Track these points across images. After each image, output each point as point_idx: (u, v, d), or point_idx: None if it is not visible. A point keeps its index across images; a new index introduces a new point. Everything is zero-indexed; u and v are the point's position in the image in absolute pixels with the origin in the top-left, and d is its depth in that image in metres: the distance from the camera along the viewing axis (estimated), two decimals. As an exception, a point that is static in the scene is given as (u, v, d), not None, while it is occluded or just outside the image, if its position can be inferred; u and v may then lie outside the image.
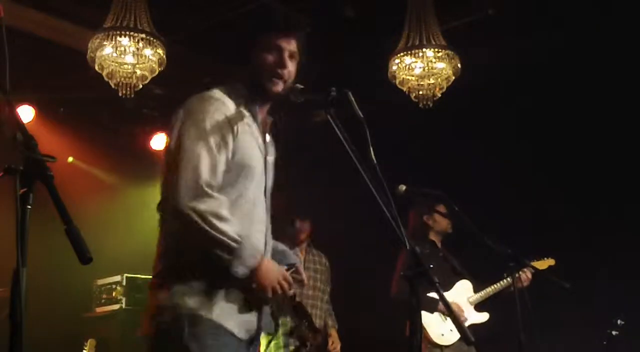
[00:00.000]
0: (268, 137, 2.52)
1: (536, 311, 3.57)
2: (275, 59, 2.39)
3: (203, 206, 2.16)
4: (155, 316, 2.27)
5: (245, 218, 2.31)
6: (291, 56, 2.42)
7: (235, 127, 2.30)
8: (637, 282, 4.83)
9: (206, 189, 2.19)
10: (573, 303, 4.56)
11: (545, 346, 4.35)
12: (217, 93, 2.36)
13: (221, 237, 2.16)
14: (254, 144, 2.36)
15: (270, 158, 2.50)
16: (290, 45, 2.42)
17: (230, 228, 2.18)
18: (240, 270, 2.19)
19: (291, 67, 2.41)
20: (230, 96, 2.37)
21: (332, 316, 5.12)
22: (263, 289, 2.24)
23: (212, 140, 2.24)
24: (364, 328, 5.69)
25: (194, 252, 2.23)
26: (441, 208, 4.69)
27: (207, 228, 2.15)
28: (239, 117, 2.33)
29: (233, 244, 2.16)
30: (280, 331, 4.65)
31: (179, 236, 2.26)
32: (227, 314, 2.25)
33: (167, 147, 2.33)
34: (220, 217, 2.17)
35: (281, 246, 2.58)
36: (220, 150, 2.25)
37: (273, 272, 2.28)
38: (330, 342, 4.90)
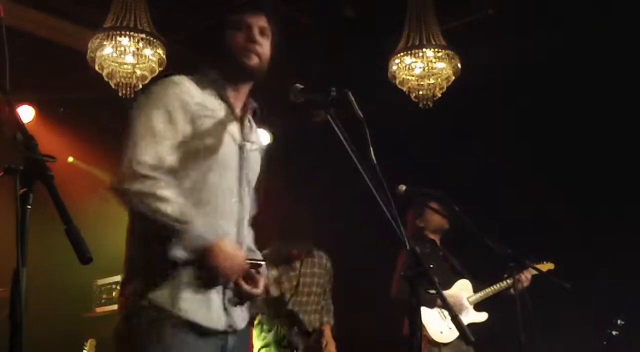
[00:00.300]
0: (251, 125, 2.46)
1: (536, 311, 3.57)
2: (245, 35, 2.36)
3: (138, 185, 2.08)
4: (121, 315, 2.19)
5: (207, 206, 2.22)
6: (262, 32, 2.39)
7: (191, 111, 2.23)
8: (637, 282, 4.83)
9: (142, 170, 2.10)
10: (573, 303, 4.56)
11: (545, 346, 4.35)
12: (176, 78, 2.30)
13: (161, 218, 2.06)
14: (219, 129, 2.28)
15: (252, 145, 2.41)
16: (260, 21, 2.39)
17: (171, 208, 2.07)
18: (179, 253, 2.07)
19: (264, 43, 2.38)
20: (195, 81, 2.32)
21: (330, 313, 4.96)
22: (212, 270, 2.11)
23: (158, 123, 2.17)
24: (364, 328, 5.69)
25: (144, 238, 2.15)
26: (434, 205, 4.66)
27: (145, 209, 2.08)
28: (200, 101, 2.27)
29: (175, 224, 2.06)
30: (272, 338, 4.63)
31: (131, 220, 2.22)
32: (195, 306, 2.13)
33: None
34: (159, 198, 2.08)
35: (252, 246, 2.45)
36: (167, 134, 2.17)
37: (228, 253, 2.14)
38: (323, 344, 4.77)
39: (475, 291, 4.86)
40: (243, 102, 2.44)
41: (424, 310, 4.57)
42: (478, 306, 4.85)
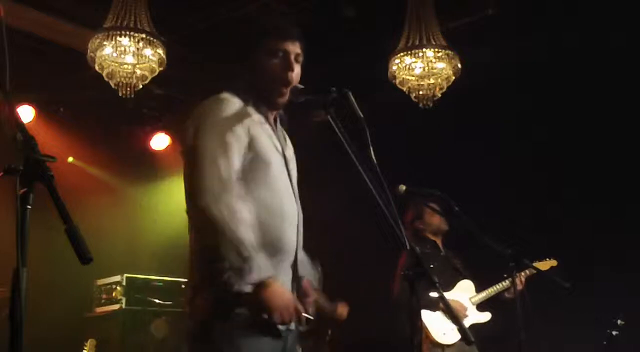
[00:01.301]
0: (284, 134, 2.55)
1: (536, 311, 3.57)
2: (282, 63, 2.39)
3: (229, 203, 2.14)
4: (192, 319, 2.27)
5: (275, 214, 2.30)
6: (296, 59, 2.43)
7: (247, 125, 2.31)
8: (637, 282, 4.83)
9: (229, 185, 2.19)
10: (573, 303, 4.56)
11: (546, 346, 4.36)
12: (226, 95, 2.37)
13: (238, 241, 2.12)
14: (268, 140, 2.37)
15: (289, 152, 2.52)
16: (296, 48, 2.43)
17: (247, 236, 2.15)
18: (242, 285, 2.11)
19: (297, 69, 2.42)
20: (239, 97, 2.39)
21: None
22: (268, 309, 2.14)
23: (228, 138, 2.25)
24: (364, 328, 5.68)
25: (213, 258, 2.17)
26: (433, 206, 4.65)
27: (227, 230, 2.12)
28: (248, 115, 2.34)
29: (246, 252, 2.11)
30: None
31: (200, 236, 2.24)
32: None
33: (185, 150, 2.32)
34: (242, 220, 2.16)
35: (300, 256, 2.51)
36: (236, 148, 2.26)
37: (284, 294, 2.18)
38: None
39: (477, 291, 4.86)
40: (274, 114, 2.50)
41: (427, 312, 4.57)
42: (480, 306, 4.85)
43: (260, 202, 2.28)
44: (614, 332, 4.25)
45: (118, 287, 5.90)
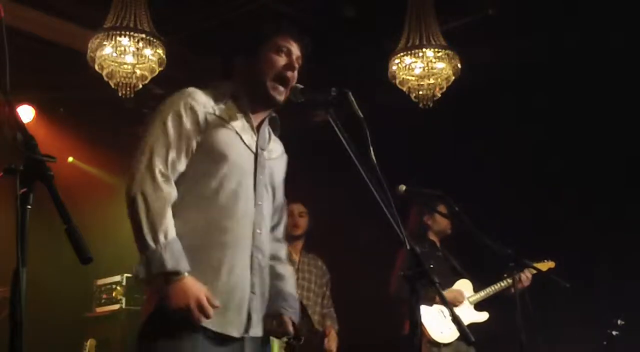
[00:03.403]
0: (270, 135, 2.53)
1: (536, 311, 3.57)
2: (285, 61, 2.40)
3: (148, 193, 2.18)
4: (144, 313, 2.28)
5: (222, 210, 2.29)
6: (297, 61, 2.44)
7: (202, 118, 2.31)
8: (637, 282, 4.83)
9: (158, 177, 2.21)
10: (573, 303, 4.56)
11: (546, 346, 4.36)
12: (190, 89, 2.39)
13: (146, 229, 2.16)
14: (232, 137, 2.35)
15: (269, 154, 2.48)
16: (298, 51, 2.44)
17: (165, 224, 2.17)
18: (141, 271, 2.17)
19: (295, 73, 2.43)
20: (212, 91, 2.40)
21: (333, 318, 5.01)
22: (171, 304, 2.15)
23: (170, 129, 2.27)
24: (364, 328, 5.68)
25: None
26: (442, 209, 4.68)
27: (140, 218, 2.16)
28: (210, 109, 2.34)
29: (151, 242, 2.15)
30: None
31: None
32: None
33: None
34: (158, 211, 2.17)
35: (288, 288, 2.51)
36: (179, 140, 2.27)
37: (193, 289, 2.16)
38: (325, 341, 4.81)
39: (475, 290, 4.87)
40: (263, 115, 2.49)
41: (424, 309, 4.57)
42: (478, 306, 4.85)
43: (210, 201, 2.29)
44: (614, 332, 4.25)
45: (118, 287, 5.90)
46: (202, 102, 2.34)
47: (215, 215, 2.28)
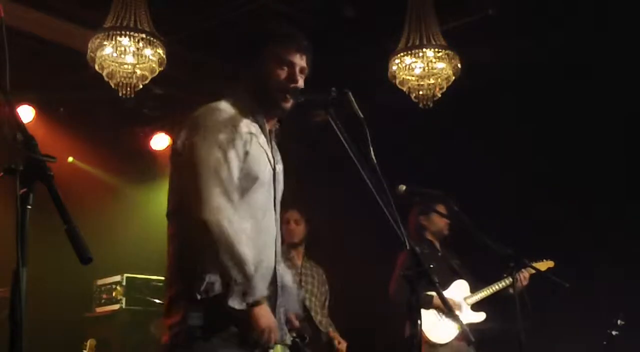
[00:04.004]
0: (274, 145, 2.53)
1: (536, 311, 3.57)
2: (287, 74, 2.40)
3: (234, 221, 2.16)
4: (169, 332, 2.27)
5: (255, 226, 2.31)
6: (301, 72, 2.43)
7: (244, 138, 2.30)
8: (637, 282, 4.83)
9: (233, 203, 2.19)
10: (573, 303, 4.56)
11: (546, 346, 4.36)
12: (223, 104, 2.36)
13: (241, 259, 2.14)
14: (262, 155, 2.36)
15: (279, 166, 2.49)
16: (302, 61, 2.43)
17: (249, 253, 2.17)
18: (237, 303, 2.15)
19: (301, 83, 2.42)
20: (236, 107, 2.37)
21: (333, 327, 5.03)
22: (258, 328, 2.17)
23: (229, 151, 2.24)
24: (364, 329, 5.68)
25: (208, 270, 2.18)
26: (441, 208, 4.68)
27: (230, 246, 2.13)
28: (245, 128, 2.33)
29: (249, 270, 2.15)
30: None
31: (195, 248, 2.22)
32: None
33: (178, 156, 2.31)
34: (246, 239, 2.18)
35: (287, 280, 2.52)
36: (235, 160, 2.25)
37: (271, 316, 2.23)
38: (337, 342, 4.83)
39: (472, 291, 4.87)
40: (272, 122, 2.50)
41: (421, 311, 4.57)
42: (476, 306, 4.85)
43: (246, 219, 2.28)
44: (614, 332, 4.25)
45: (118, 287, 5.90)
46: (240, 121, 2.33)
47: (249, 232, 2.28)
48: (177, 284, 2.28)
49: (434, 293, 4.38)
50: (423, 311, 4.57)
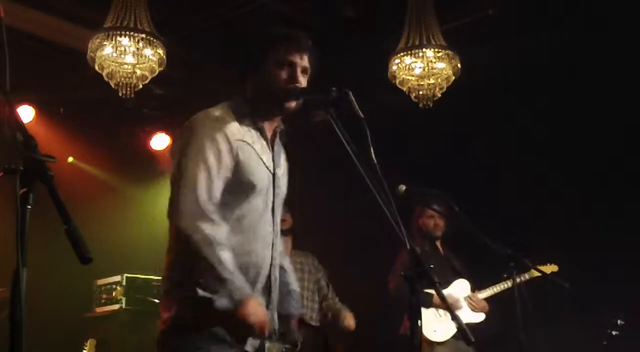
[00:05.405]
0: (279, 148, 2.52)
1: (536, 311, 3.57)
2: (289, 75, 2.39)
3: (204, 228, 2.18)
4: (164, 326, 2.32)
5: (248, 233, 2.33)
6: (303, 72, 2.42)
7: (235, 147, 2.31)
8: (637, 283, 4.83)
9: (206, 211, 2.21)
10: (573, 303, 4.55)
11: (545, 346, 4.36)
12: (218, 111, 2.36)
13: (213, 265, 2.16)
14: (257, 162, 2.36)
15: (280, 170, 2.49)
16: (303, 61, 2.42)
17: (227, 256, 2.18)
18: (223, 303, 2.16)
19: (303, 82, 2.42)
20: (234, 113, 2.38)
21: (342, 305, 4.94)
22: (246, 322, 2.17)
23: (211, 161, 2.26)
24: (364, 328, 5.68)
25: (192, 275, 2.22)
26: (441, 208, 4.67)
27: (205, 254, 2.16)
28: (239, 135, 2.33)
29: (225, 274, 2.16)
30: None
31: (178, 253, 2.30)
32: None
33: (173, 165, 2.35)
34: (219, 244, 2.18)
35: (293, 286, 2.56)
36: (219, 172, 2.27)
37: (261, 309, 2.24)
38: (343, 320, 4.73)
39: (473, 290, 4.87)
40: (275, 124, 2.49)
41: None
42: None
43: (237, 226, 2.31)
44: (614, 332, 4.25)
45: (118, 287, 5.90)
46: (233, 130, 2.33)
47: (242, 238, 2.31)
48: (170, 280, 2.34)
49: (433, 292, 4.38)
50: (423, 309, 4.59)
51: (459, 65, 4.73)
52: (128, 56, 4.54)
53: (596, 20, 4.99)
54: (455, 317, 2.06)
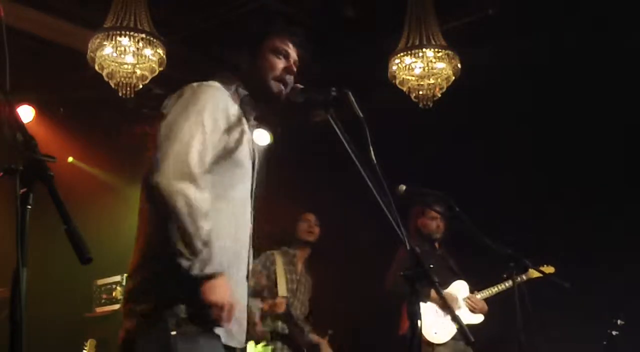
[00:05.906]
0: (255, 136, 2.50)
1: (536, 311, 3.57)
2: (285, 64, 2.41)
3: (191, 192, 2.05)
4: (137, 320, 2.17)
5: (231, 218, 2.24)
6: (295, 63, 2.45)
7: (229, 120, 2.26)
8: (637, 282, 4.83)
9: (194, 173, 2.08)
10: (573, 303, 4.55)
11: (545, 346, 4.35)
12: (217, 84, 2.34)
13: (197, 232, 2.03)
14: (245, 143, 2.30)
15: (258, 155, 2.46)
16: (295, 54, 2.45)
17: (208, 227, 2.06)
18: (196, 268, 2.02)
19: (292, 75, 2.44)
20: (226, 89, 2.36)
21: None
22: (207, 300, 2.04)
23: (209, 128, 2.16)
24: (364, 328, 5.69)
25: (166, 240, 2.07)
26: (441, 209, 4.66)
27: (187, 218, 2.03)
28: (233, 111, 2.30)
29: (200, 245, 2.03)
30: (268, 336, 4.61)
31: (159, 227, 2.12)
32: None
33: (160, 128, 2.18)
34: (204, 213, 2.06)
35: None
36: (213, 139, 2.18)
37: (226, 290, 2.07)
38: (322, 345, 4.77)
39: (472, 291, 4.87)
40: (255, 114, 2.48)
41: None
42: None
43: (221, 201, 2.21)
44: (614, 332, 4.25)
45: (118, 287, 5.91)
46: (230, 102, 2.30)
47: (230, 221, 2.23)
48: (143, 252, 2.26)
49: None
50: (423, 307, 4.58)
51: (459, 65, 4.73)
52: (128, 56, 4.55)
53: (596, 20, 4.99)
54: (455, 318, 2.06)
